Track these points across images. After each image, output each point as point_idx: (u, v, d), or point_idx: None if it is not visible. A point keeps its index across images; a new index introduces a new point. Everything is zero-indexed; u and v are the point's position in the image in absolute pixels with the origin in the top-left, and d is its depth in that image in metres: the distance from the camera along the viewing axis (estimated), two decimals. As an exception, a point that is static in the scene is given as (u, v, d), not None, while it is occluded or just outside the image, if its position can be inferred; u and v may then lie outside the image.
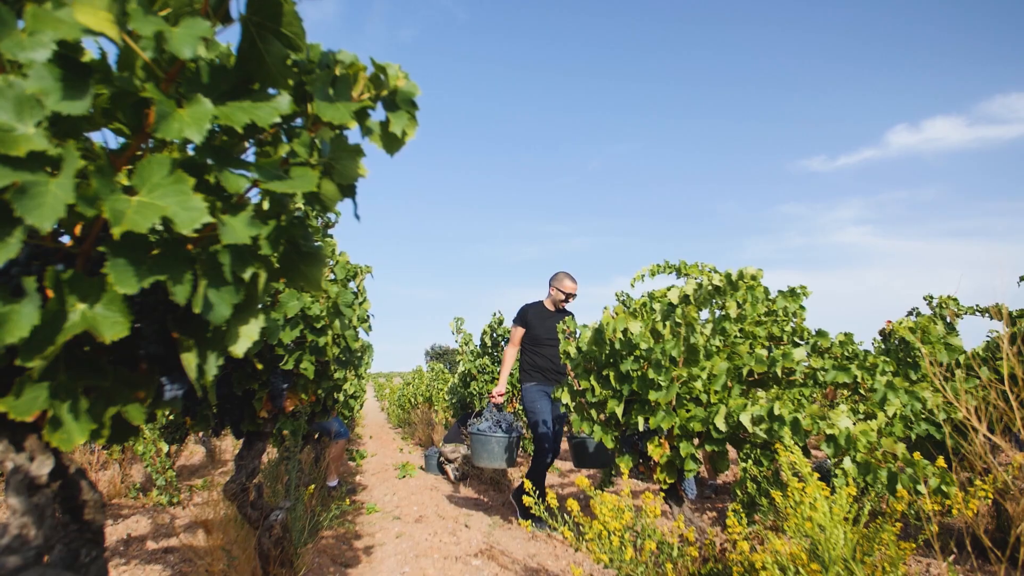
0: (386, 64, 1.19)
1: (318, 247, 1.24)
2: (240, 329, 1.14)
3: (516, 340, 5.03)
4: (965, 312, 5.88)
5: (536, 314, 4.96)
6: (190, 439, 8.72)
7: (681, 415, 2.94)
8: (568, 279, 4.99)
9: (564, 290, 4.95)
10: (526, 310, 5.02)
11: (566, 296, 4.97)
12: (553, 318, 4.95)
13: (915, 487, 2.28)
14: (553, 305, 5.02)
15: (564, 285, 4.95)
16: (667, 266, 5.41)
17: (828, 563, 1.54)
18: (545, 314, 4.98)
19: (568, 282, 4.97)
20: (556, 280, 5.00)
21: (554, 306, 5.02)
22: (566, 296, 4.97)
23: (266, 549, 2.61)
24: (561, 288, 4.95)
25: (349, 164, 1.22)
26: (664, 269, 5.41)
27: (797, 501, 1.64)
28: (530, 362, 4.91)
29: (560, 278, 4.99)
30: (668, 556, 2.43)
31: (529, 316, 4.96)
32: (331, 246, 2.94)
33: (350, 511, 5.03)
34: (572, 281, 5.00)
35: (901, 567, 1.92)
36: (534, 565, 3.60)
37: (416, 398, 12.06)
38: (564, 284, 4.96)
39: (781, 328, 3.76)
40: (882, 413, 3.09)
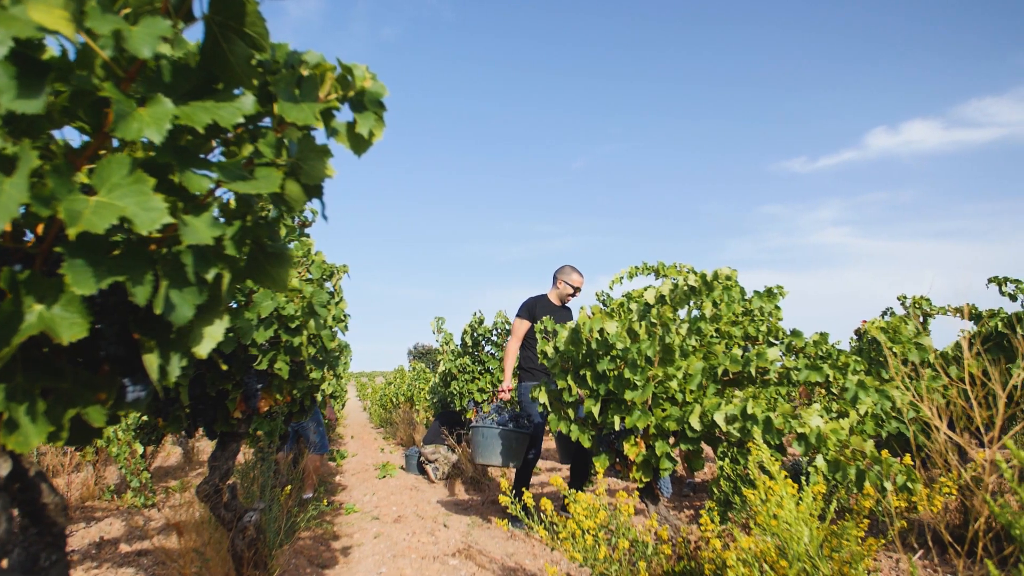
0: (353, 65, 1.19)
1: (284, 247, 1.23)
2: (204, 330, 1.14)
3: (520, 334, 4.82)
4: (937, 312, 5.98)
5: (543, 308, 4.77)
6: (167, 440, 8.62)
7: (657, 414, 2.96)
8: (575, 272, 4.85)
9: (572, 283, 4.80)
10: (533, 303, 4.84)
11: (574, 290, 4.82)
12: (559, 313, 4.79)
13: (882, 484, 2.32)
14: (559, 299, 4.87)
15: (572, 279, 4.81)
16: (646, 267, 5.45)
17: (792, 559, 1.56)
18: (551, 309, 4.81)
19: (576, 275, 4.83)
20: (563, 273, 4.84)
21: (560, 300, 4.87)
22: (574, 290, 4.82)
23: (239, 551, 2.59)
24: (569, 282, 4.80)
25: (316, 164, 1.22)
26: (643, 270, 5.45)
27: (763, 499, 1.66)
28: (532, 360, 4.78)
29: (567, 271, 4.84)
30: (642, 554, 2.45)
31: (537, 310, 4.75)
32: (307, 246, 2.92)
33: (328, 512, 5.00)
34: (579, 275, 4.85)
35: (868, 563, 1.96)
36: (512, 564, 3.61)
37: (398, 398, 12.02)
38: (572, 277, 4.81)
39: (756, 328, 3.80)
40: (854, 411, 3.14)
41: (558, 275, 4.87)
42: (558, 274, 4.87)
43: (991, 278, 5.54)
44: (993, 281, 5.51)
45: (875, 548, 1.93)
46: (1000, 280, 5.41)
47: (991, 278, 5.54)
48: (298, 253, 2.86)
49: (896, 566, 3.35)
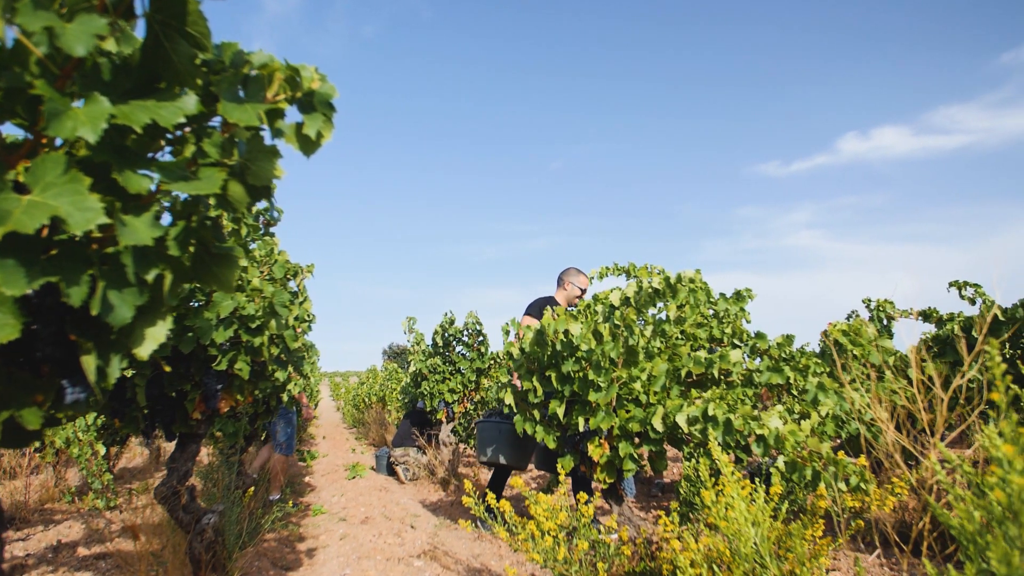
0: (301, 65, 1.19)
1: (230, 249, 1.22)
2: (146, 331, 1.12)
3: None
4: (900, 315, 6.12)
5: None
6: (132, 440, 8.46)
7: (621, 415, 2.99)
8: (582, 274, 4.74)
9: (580, 286, 4.70)
10: (544, 303, 4.65)
11: (581, 292, 4.71)
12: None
13: (837, 485, 2.37)
14: (566, 301, 4.75)
15: (580, 281, 4.70)
16: (617, 268, 5.48)
17: (738, 560, 1.59)
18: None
19: (583, 277, 4.72)
20: (570, 275, 4.74)
21: (567, 302, 4.75)
22: (581, 292, 4.71)
23: (197, 553, 2.55)
24: (577, 284, 4.69)
25: (265, 165, 1.21)
26: (614, 271, 5.48)
27: (713, 500, 1.68)
28: None
29: (574, 274, 4.73)
30: (602, 555, 2.46)
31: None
32: (270, 245, 2.89)
33: (295, 513, 4.96)
34: (586, 276, 4.73)
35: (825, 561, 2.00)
36: (477, 565, 3.61)
37: (370, 398, 11.94)
38: (580, 280, 4.71)
39: (721, 330, 3.85)
40: (816, 413, 3.20)
41: (565, 277, 4.77)
42: (565, 276, 4.77)
43: (952, 282, 5.68)
44: (954, 285, 5.64)
45: (827, 548, 1.97)
46: (960, 284, 5.55)
47: (952, 282, 5.68)
48: (260, 252, 2.83)
49: (855, 565, 3.41)
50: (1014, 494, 0.95)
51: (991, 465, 0.98)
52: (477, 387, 6.50)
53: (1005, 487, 0.97)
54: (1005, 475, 0.97)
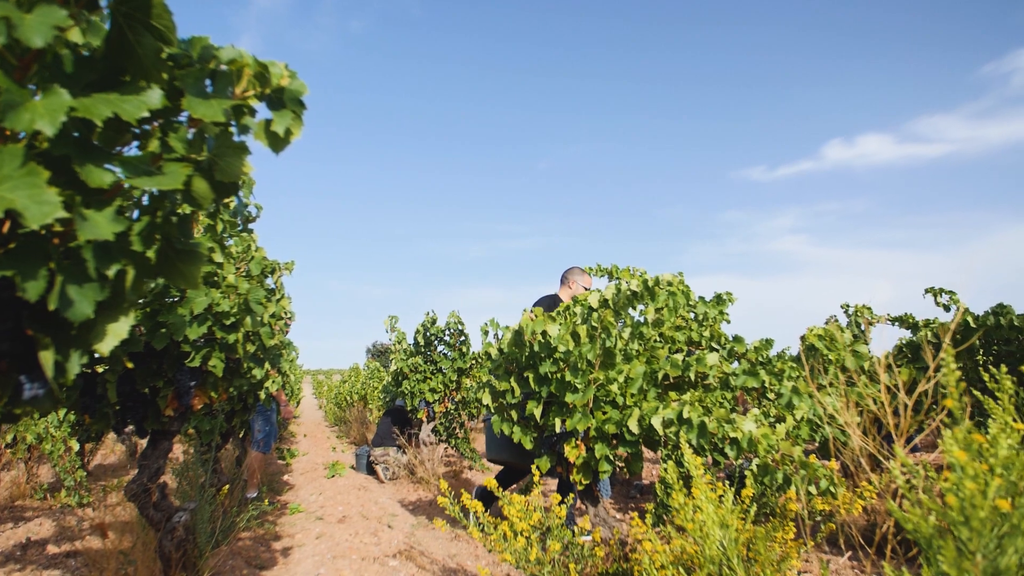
0: (271, 62, 1.18)
1: (195, 245, 1.21)
2: (108, 327, 1.11)
3: None
4: (877, 321, 6.19)
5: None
6: (109, 437, 8.35)
7: (598, 417, 3.00)
8: (586, 274, 4.72)
9: (585, 284, 4.66)
10: (552, 302, 4.57)
11: (586, 291, 4.66)
12: None
13: (807, 488, 2.39)
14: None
15: (585, 279, 4.66)
16: (600, 269, 5.50)
17: (703, 562, 1.60)
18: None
19: (588, 277, 4.69)
20: (574, 274, 4.69)
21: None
22: (586, 291, 4.66)
23: (167, 551, 2.53)
24: (582, 283, 4.65)
25: (233, 161, 1.20)
26: (597, 272, 5.49)
27: (681, 502, 1.69)
28: None
29: (579, 273, 4.69)
30: (574, 556, 2.47)
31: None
32: (247, 242, 2.87)
33: (270, 511, 4.92)
34: (590, 276, 4.72)
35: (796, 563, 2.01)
36: (453, 565, 3.60)
37: (352, 396, 11.89)
38: (584, 279, 4.67)
39: (700, 333, 3.87)
40: (791, 417, 3.23)
41: (569, 276, 4.72)
42: (569, 275, 4.73)
43: (927, 289, 5.76)
44: (929, 292, 5.72)
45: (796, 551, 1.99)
46: (936, 291, 5.63)
47: (927, 289, 5.76)
48: (237, 249, 2.81)
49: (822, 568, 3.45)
50: (966, 499, 0.97)
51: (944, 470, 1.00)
52: (458, 387, 6.49)
53: (958, 492, 0.98)
54: (958, 480, 0.99)
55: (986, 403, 1.49)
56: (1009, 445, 1.22)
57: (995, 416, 1.35)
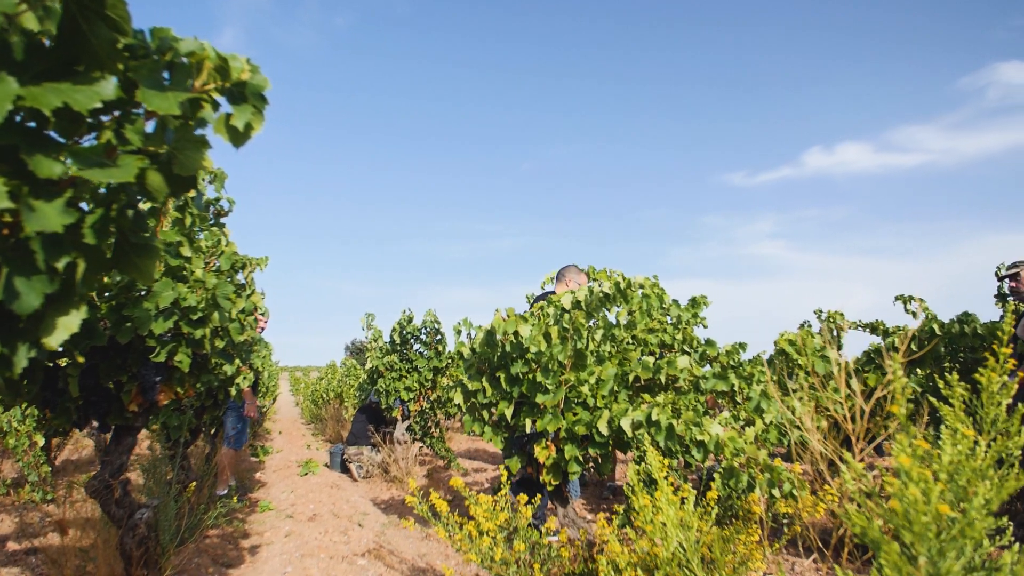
0: (232, 55, 1.17)
1: (150, 239, 1.19)
2: (57, 320, 1.09)
3: None
4: (849, 326, 6.29)
5: None
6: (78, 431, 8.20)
7: (568, 418, 3.00)
8: (582, 272, 4.67)
9: (583, 283, 4.57)
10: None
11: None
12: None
13: (771, 491, 2.42)
14: None
15: (581, 278, 4.62)
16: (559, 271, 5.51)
17: (660, 564, 1.61)
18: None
19: (583, 276, 4.65)
20: (572, 272, 4.65)
21: None
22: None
23: (128, 549, 2.49)
24: (579, 281, 4.59)
25: (193, 155, 1.19)
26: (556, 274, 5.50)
27: (642, 504, 1.71)
28: None
29: (575, 271, 4.64)
30: (539, 557, 2.47)
31: None
32: (217, 236, 2.83)
33: (240, 509, 4.87)
34: (586, 275, 4.68)
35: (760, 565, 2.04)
36: (422, 565, 3.59)
37: (328, 394, 11.80)
38: (581, 277, 4.63)
39: (672, 336, 3.90)
40: (760, 420, 3.26)
41: (567, 274, 4.68)
42: (566, 273, 4.69)
43: (898, 296, 5.85)
44: (899, 299, 5.82)
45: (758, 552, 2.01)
46: (905, 298, 5.72)
47: (898, 296, 5.85)
48: (207, 243, 2.77)
49: (792, 569, 3.50)
50: (908, 504, 0.98)
51: (887, 475, 1.01)
52: (434, 386, 6.48)
53: (901, 497, 1.00)
54: (902, 485, 1.00)
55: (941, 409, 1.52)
56: (958, 451, 1.25)
57: (948, 422, 1.38)
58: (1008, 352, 1.48)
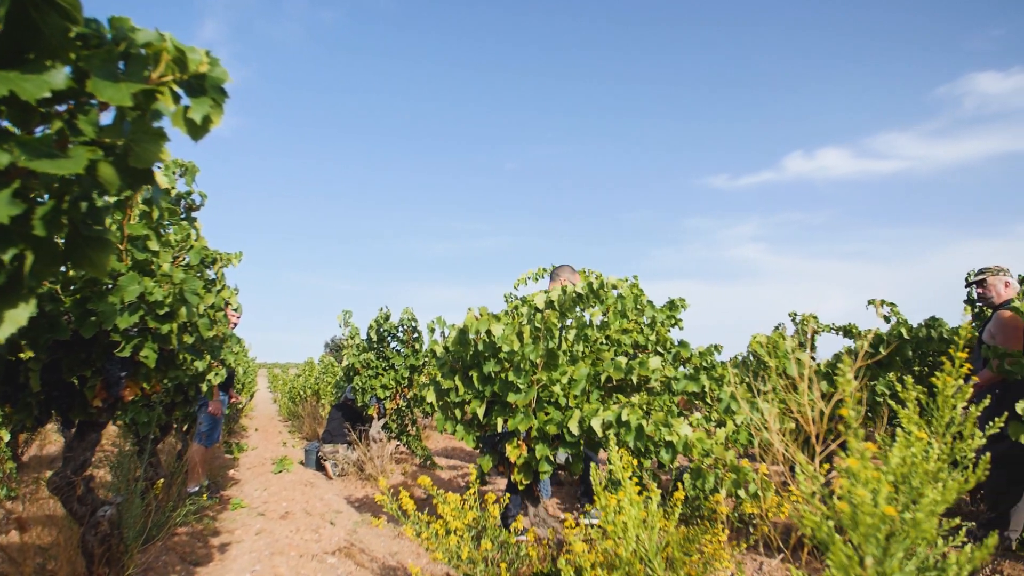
0: (190, 47, 1.15)
1: (103, 232, 1.17)
2: (4, 313, 1.07)
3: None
4: (823, 329, 6.36)
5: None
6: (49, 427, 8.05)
7: (540, 418, 3.01)
8: (576, 273, 4.68)
9: (575, 282, 4.49)
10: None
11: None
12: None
13: (737, 491, 2.44)
14: None
15: (576, 278, 4.62)
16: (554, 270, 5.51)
17: (620, 563, 1.62)
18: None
19: (578, 276, 4.63)
20: (565, 272, 4.66)
21: None
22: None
23: (90, 547, 2.45)
24: (573, 281, 4.48)
25: (150, 148, 1.17)
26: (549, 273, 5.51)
27: (603, 504, 1.72)
28: None
29: (569, 271, 4.66)
30: (511, 555, 2.48)
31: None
32: (186, 230, 2.79)
33: (211, 507, 4.81)
34: (579, 274, 4.65)
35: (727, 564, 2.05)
36: (393, 563, 3.58)
37: (305, 391, 11.71)
38: (576, 278, 4.62)
39: (647, 337, 3.92)
40: (731, 421, 3.29)
41: (561, 273, 4.70)
42: (560, 272, 4.71)
43: (870, 300, 5.93)
44: (872, 303, 5.90)
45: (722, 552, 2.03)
46: (878, 303, 5.80)
47: (870, 300, 5.93)
48: (176, 237, 2.74)
49: (760, 569, 3.53)
50: (857, 505, 1.00)
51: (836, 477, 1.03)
52: (410, 384, 6.45)
53: (850, 498, 1.01)
54: (850, 487, 1.02)
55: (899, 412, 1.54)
56: (912, 453, 1.27)
57: (904, 425, 1.40)
58: (964, 356, 1.51)
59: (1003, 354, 3.01)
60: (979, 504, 4.63)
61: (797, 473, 1.22)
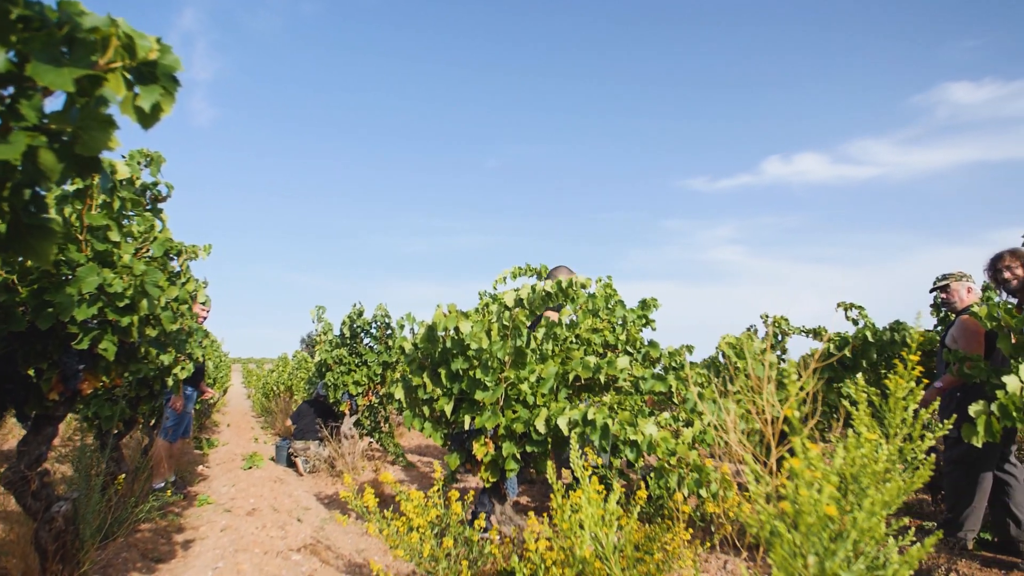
0: (139, 33, 1.13)
1: (46, 220, 1.15)
2: (-60, 303, 1.04)
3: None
4: (793, 332, 6.45)
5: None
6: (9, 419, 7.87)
7: (508, 416, 3.01)
8: (573, 273, 4.53)
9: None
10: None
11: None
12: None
13: (698, 490, 2.46)
14: None
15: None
16: (529, 269, 5.52)
17: (574, 561, 1.63)
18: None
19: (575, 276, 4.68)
20: (562, 273, 4.64)
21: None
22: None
23: (44, 543, 2.40)
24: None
25: (98, 135, 1.14)
26: (527, 272, 5.51)
27: (559, 503, 1.72)
28: None
29: (565, 271, 4.64)
30: (475, 555, 2.47)
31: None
32: (149, 221, 2.74)
33: (175, 503, 4.75)
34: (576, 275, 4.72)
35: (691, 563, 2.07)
36: (359, 560, 3.56)
37: (279, 386, 11.59)
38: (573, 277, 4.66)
39: (617, 337, 3.94)
40: (699, 421, 3.32)
41: (556, 274, 4.66)
42: (556, 273, 4.67)
43: (839, 303, 6.02)
44: (841, 306, 5.99)
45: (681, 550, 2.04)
46: (846, 305, 5.89)
47: (839, 303, 6.02)
48: (139, 229, 2.69)
49: (724, 567, 3.57)
50: (799, 505, 1.01)
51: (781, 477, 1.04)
52: (383, 380, 6.42)
53: (794, 498, 1.03)
54: (794, 487, 1.03)
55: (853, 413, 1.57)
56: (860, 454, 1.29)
57: (856, 426, 1.43)
58: (916, 359, 1.54)
59: (963, 358, 3.07)
60: (940, 504, 4.73)
61: (746, 473, 1.23)
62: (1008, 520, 3.57)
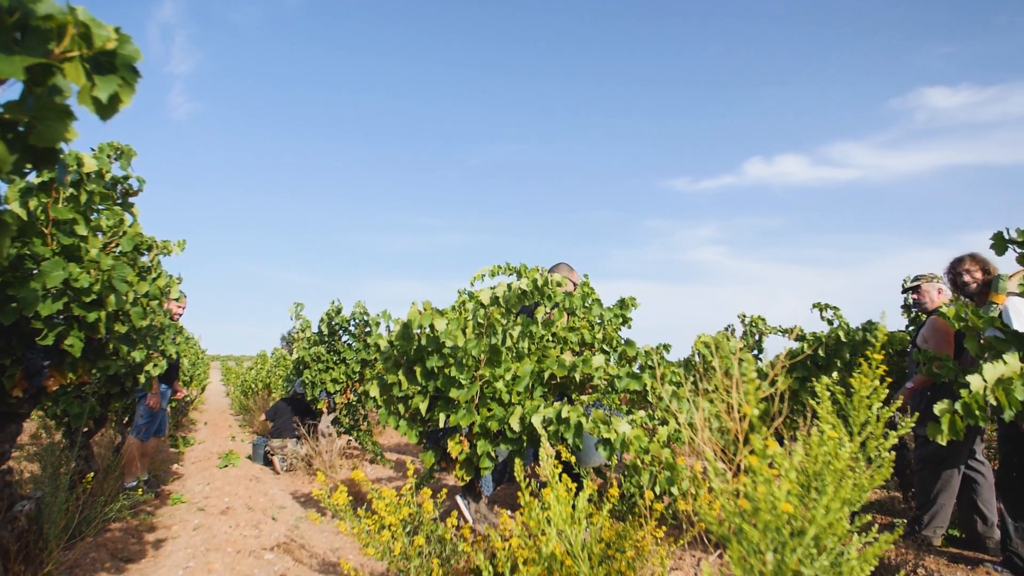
0: (97, 22, 1.11)
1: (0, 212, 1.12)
2: None
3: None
4: (770, 331, 6.51)
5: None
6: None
7: (483, 414, 3.01)
8: (574, 271, 4.66)
9: (576, 281, 4.58)
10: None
11: (574, 287, 4.56)
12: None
13: (670, 488, 2.48)
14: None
15: (574, 276, 4.61)
16: (508, 268, 5.51)
17: (540, 559, 1.63)
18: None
19: (575, 274, 4.63)
20: (561, 270, 4.60)
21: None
22: (574, 287, 4.56)
23: (6, 543, 2.35)
24: (573, 279, 4.57)
25: (54, 126, 1.12)
26: (505, 270, 5.50)
27: (527, 501, 1.72)
28: None
29: (565, 269, 4.62)
30: (447, 553, 2.46)
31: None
32: (118, 215, 2.70)
33: (147, 502, 4.68)
34: (576, 273, 4.67)
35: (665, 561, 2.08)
36: (333, 559, 3.53)
37: (257, 384, 11.48)
38: (574, 276, 4.62)
39: (593, 335, 3.95)
40: (673, 420, 3.34)
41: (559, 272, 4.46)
42: (556, 271, 4.63)
43: (815, 304, 6.10)
44: (816, 306, 6.06)
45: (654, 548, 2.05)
46: (822, 306, 5.97)
47: (815, 304, 6.10)
48: (108, 223, 2.64)
49: (698, 564, 3.60)
50: (756, 502, 1.02)
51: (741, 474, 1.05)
52: (361, 378, 6.38)
53: (751, 495, 1.03)
54: (753, 484, 1.03)
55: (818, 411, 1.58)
56: (823, 452, 1.30)
57: (820, 425, 1.44)
58: (880, 359, 1.56)
59: (932, 358, 3.12)
60: (911, 502, 4.80)
61: (707, 471, 1.24)
62: (975, 517, 3.63)
